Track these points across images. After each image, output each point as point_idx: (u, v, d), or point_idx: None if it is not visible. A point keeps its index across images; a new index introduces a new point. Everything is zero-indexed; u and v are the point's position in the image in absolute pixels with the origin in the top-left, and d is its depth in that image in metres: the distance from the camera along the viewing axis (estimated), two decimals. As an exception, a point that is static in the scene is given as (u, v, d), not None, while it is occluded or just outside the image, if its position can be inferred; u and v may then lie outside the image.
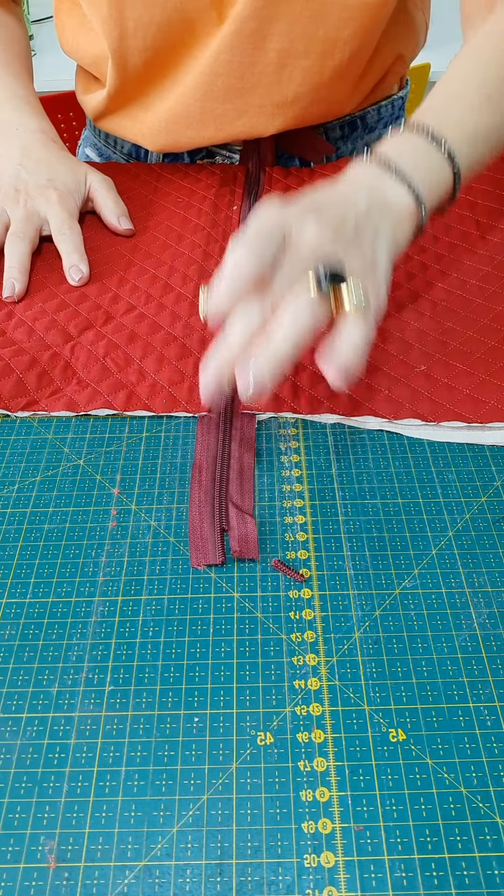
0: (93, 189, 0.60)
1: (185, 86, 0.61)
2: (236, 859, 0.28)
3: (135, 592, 0.36)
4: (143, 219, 0.62)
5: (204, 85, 0.60)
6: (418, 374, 0.46)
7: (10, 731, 0.32)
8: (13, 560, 0.38)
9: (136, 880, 0.27)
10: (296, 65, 0.59)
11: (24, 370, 0.46)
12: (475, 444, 0.43)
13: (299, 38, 0.56)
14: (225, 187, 0.65)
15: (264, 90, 0.60)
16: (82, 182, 0.59)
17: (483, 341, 0.48)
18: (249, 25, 0.55)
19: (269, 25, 0.56)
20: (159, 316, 0.51)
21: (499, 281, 0.53)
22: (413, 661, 0.33)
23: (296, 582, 0.37)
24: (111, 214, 0.59)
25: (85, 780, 0.30)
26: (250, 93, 0.60)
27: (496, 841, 0.28)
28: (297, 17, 0.55)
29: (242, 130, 0.63)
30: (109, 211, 0.59)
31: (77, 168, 0.60)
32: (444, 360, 0.47)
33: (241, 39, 0.56)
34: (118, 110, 0.67)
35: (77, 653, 0.34)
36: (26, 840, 0.29)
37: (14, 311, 0.52)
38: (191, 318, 0.51)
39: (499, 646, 0.34)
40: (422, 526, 0.39)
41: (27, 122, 0.61)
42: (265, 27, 0.56)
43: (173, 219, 0.62)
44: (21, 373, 0.46)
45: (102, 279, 0.55)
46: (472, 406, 0.44)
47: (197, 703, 0.32)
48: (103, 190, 0.60)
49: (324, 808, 0.29)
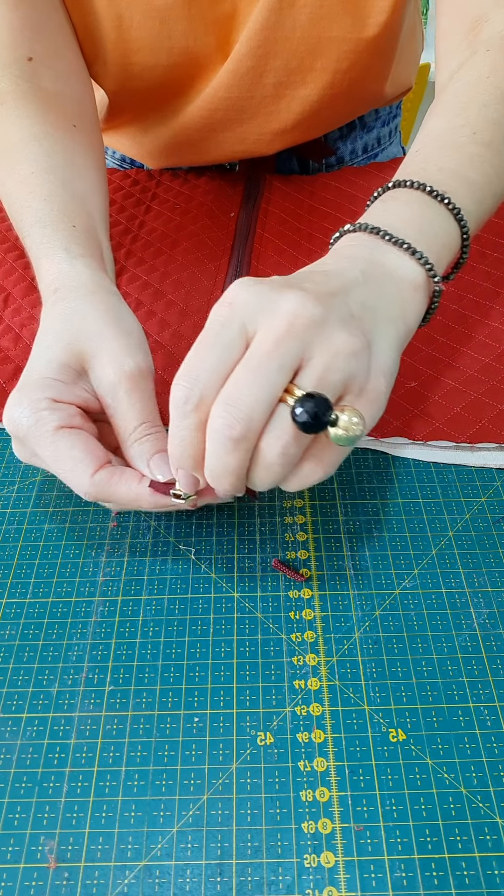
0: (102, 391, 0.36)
1: (185, 117, 0.60)
2: (236, 859, 0.28)
3: (135, 592, 0.36)
4: (139, 224, 0.62)
5: (204, 118, 0.59)
6: (409, 391, 0.45)
7: (10, 731, 0.32)
8: (13, 560, 0.38)
9: (136, 880, 0.27)
10: (294, 95, 0.58)
11: (7, 379, 0.46)
12: (462, 464, 0.42)
13: (296, 70, 0.56)
14: (223, 193, 0.65)
15: (263, 119, 0.60)
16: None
17: (477, 358, 0.47)
18: (247, 63, 0.55)
19: (267, 62, 0.55)
20: (148, 324, 0.51)
21: (496, 297, 0.53)
22: (413, 661, 0.33)
23: (296, 582, 0.37)
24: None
25: (85, 780, 0.30)
26: (249, 122, 0.60)
27: (496, 841, 0.28)
28: (294, 53, 0.55)
29: (243, 152, 0.63)
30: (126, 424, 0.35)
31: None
32: (435, 377, 0.46)
33: (240, 76, 0.56)
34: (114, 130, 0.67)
35: (77, 653, 0.34)
36: (26, 840, 0.29)
37: (2, 316, 0.51)
38: (180, 325, 0.51)
39: (499, 646, 0.34)
40: (422, 526, 0.39)
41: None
42: (262, 64, 0.55)
43: (169, 224, 0.61)
44: (4, 382, 0.46)
45: None
46: (462, 425, 0.43)
47: (197, 703, 0.32)
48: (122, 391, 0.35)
49: (324, 808, 0.29)
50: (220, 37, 0.54)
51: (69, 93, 0.48)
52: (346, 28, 0.53)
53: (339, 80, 0.57)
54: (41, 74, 0.47)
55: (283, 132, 0.61)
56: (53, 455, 0.33)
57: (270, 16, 0.51)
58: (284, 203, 0.63)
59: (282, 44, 0.54)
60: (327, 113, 0.61)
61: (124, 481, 0.33)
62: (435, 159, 0.39)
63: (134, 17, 0.51)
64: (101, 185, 0.47)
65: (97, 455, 0.33)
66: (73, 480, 0.33)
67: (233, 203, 0.64)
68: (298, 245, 0.58)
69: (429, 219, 0.36)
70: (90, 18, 0.51)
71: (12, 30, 0.46)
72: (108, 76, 0.56)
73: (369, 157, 0.74)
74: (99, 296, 0.36)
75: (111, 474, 0.33)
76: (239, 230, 0.60)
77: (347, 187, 0.65)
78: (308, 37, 0.53)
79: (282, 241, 0.58)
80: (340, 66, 0.56)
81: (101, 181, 0.47)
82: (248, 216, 0.62)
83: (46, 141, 0.43)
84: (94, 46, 0.53)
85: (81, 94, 0.50)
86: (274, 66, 0.55)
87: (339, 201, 0.63)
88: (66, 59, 0.49)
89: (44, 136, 0.44)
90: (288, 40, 0.54)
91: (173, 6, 0.50)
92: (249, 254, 0.57)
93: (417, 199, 0.36)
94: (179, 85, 0.57)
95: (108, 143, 0.70)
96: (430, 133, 0.42)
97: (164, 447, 0.34)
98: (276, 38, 0.53)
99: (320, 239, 0.59)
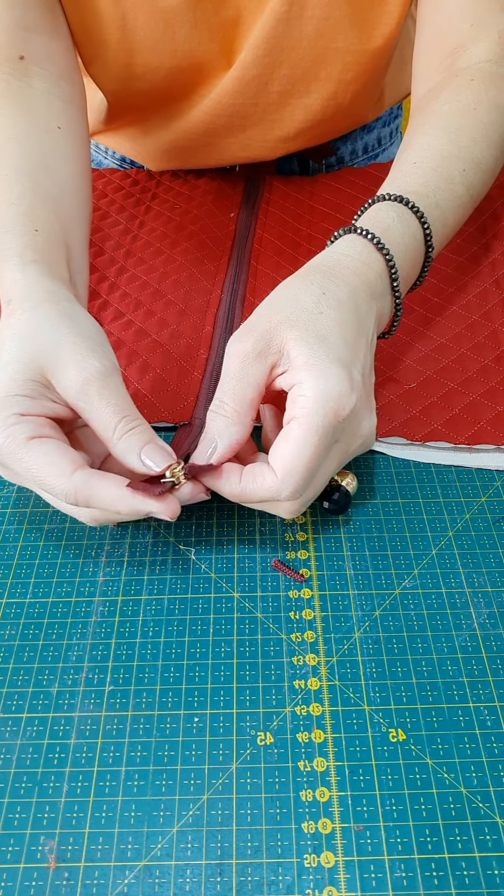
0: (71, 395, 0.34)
1: (187, 121, 0.60)
2: (236, 859, 0.28)
3: (135, 592, 0.36)
4: (139, 224, 0.62)
5: (206, 123, 0.59)
6: (408, 392, 0.45)
7: (10, 731, 0.32)
8: (13, 560, 0.38)
9: (136, 880, 0.27)
10: (297, 104, 0.58)
11: None
12: (462, 466, 0.42)
13: (301, 80, 0.56)
14: (223, 193, 0.65)
15: (266, 126, 0.60)
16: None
17: (476, 360, 0.47)
18: (252, 71, 0.55)
19: (272, 70, 0.55)
20: (147, 323, 0.51)
21: (497, 298, 0.52)
22: (413, 661, 0.33)
23: (296, 582, 0.37)
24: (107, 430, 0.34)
25: (85, 780, 0.30)
26: (252, 129, 0.60)
27: (496, 841, 0.28)
28: (299, 62, 0.55)
29: (245, 158, 0.63)
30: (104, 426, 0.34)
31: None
32: (434, 378, 0.46)
33: (244, 84, 0.56)
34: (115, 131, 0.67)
35: (77, 653, 0.34)
36: (26, 840, 0.29)
37: None
38: (179, 325, 0.51)
39: (499, 646, 0.34)
40: (422, 526, 0.39)
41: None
42: (268, 72, 0.55)
43: (168, 224, 0.61)
44: None
45: (94, 284, 0.55)
46: (461, 427, 0.43)
47: (197, 703, 0.32)
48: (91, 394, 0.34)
49: (324, 808, 0.29)
50: (223, 42, 0.54)
51: (58, 94, 0.48)
52: (352, 40, 0.54)
53: (342, 91, 0.57)
54: (32, 74, 0.47)
55: (286, 140, 0.61)
56: (28, 465, 0.32)
57: (278, 25, 0.52)
58: (284, 203, 0.63)
59: (287, 53, 0.54)
60: (330, 123, 0.61)
61: (105, 482, 0.32)
62: (433, 191, 0.43)
63: (139, 17, 0.51)
64: (80, 188, 0.46)
65: (73, 458, 0.33)
66: (52, 483, 0.32)
67: (233, 203, 0.64)
68: (298, 245, 0.58)
69: (409, 231, 0.41)
70: (91, 18, 0.51)
71: (5, 28, 0.46)
72: (108, 76, 0.56)
73: (370, 158, 0.74)
74: (51, 304, 0.36)
75: (90, 475, 0.32)
76: (239, 230, 0.60)
77: (347, 188, 0.65)
78: (314, 47, 0.54)
79: (281, 242, 0.58)
80: (345, 77, 0.56)
81: (80, 184, 0.47)
82: (248, 216, 0.62)
83: (27, 142, 0.43)
84: (95, 47, 0.53)
85: (71, 95, 0.50)
86: (279, 75, 0.56)
87: (339, 202, 0.63)
88: (58, 60, 0.49)
89: (25, 138, 0.44)
90: (294, 50, 0.54)
91: (178, 9, 0.51)
92: (249, 254, 0.57)
93: (412, 231, 0.41)
94: (182, 88, 0.58)
95: (109, 143, 0.70)
96: (427, 149, 0.45)
97: (151, 437, 0.33)
98: (283, 47, 0.54)
99: (320, 239, 0.59)
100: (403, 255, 0.40)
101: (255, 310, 0.36)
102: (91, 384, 0.33)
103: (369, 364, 0.37)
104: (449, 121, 0.46)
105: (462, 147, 0.45)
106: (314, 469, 0.33)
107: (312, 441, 0.32)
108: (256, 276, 0.55)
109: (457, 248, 0.57)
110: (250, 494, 0.33)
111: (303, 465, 0.32)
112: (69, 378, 0.33)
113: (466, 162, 0.45)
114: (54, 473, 0.32)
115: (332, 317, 0.34)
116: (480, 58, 0.49)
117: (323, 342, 0.33)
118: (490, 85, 0.48)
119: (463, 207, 0.46)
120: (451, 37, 0.50)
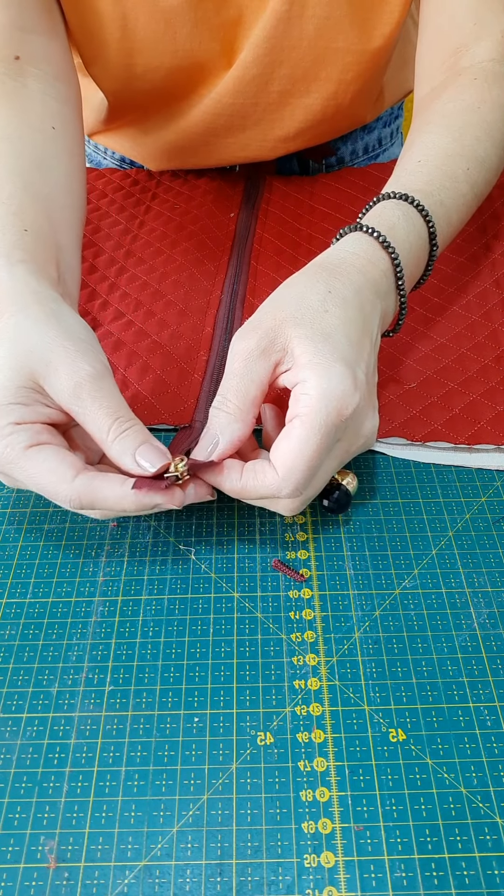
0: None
1: (187, 121, 0.60)
2: (236, 859, 0.28)
3: (135, 592, 0.36)
4: (139, 224, 0.62)
5: (206, 122, 0.59)
6: (408, 392, 0.45)
7: (10, 731, 0.32)
8: (13, 560, 0.38)
9: (136, 880, 0.27)
10: (297, 103, 0.58)
11: None
12: (462, 466, 0.42)
13: (301, 79, 0.56)
14: (223, 193, 0.65)
15: (266, 126, 0.60)
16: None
17: (476, 360, 0.47)
18: (252, 71, 0.55)
19: (273, 70, 0.55)
20: (147, 324, 0.51)
21: (497, 298, 0.52)
22: (413, 661, 0.33)
23: (296, 582, 0.37)
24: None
25: (85, 780, 0.30)
26: (252, 129, 0.60)
27: (496, 841, 0.28)
28: (300, 62, 0.55)
29: (245, 158, 0.63)
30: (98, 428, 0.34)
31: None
32: (434, 378, 0.46)
33: (245, 83, 0.56)
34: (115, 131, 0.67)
35: (77, 653, 0.34)
36: (26, 840, 0.29)
37: None
38: (179, 325, 0.51)
39: (499, 646, 0.34)
40: (422, 526, 0.39)
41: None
42: (268, 72, 0.55)
43: (168, 224, 0.61)
44: None
45: (94, 285, 0.55)
46: (461, 427, 0.43)
47: (197, 703, 0.32)
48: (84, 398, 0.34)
49: (324, 808, 0.29)
50: (224, 42, 0.54)
51: (54, 94, 0.48)
52: (353, 40, 0.54)
53: (342, 91, 0.57)
54: (27, 74, 0.47)
55: (286, 139, 0.61)
56: (29, 473, 0.32)
57: (278, 25, 0.52)
58: (284, 203, 0.63)
59: (288, 53, 0.54)
60: (330, 123, 0.61)
61: (108, 482, 0.32)
62: (438, 189, 0.43)
63: (139, 17, 0.51)
64: (73, 188, 0.46)
65: (73, 462, 0.33)
66: (55, 490, 0.32)
67: (233, 203, 0.64)
68: (298, 245, 0.58)
69: (415, 228, 0.41)
70: (92, 18, 0.51)
71: (1, 29, 0.46)
72: (108, 76, 0.56)
73: (370, 158, 0.74)
74: (38, 305, 0.35)
75: (92, 477, 0.32)
76: (239, 230, 0.60)
77: (348, 188, 0.65)
78: (314, 47, 0.54)
79: (281, 242, 0.58)
80: (345, 77, 0.56)
81: (74, 184, 0.47)
82: (248, 216, 0.62)
83: (20, 142, 0.43)
84: (95, 47, 0.53)
85: (67, 96, 0.49)
86: (279, 75, 0.56)
87: (339, 202, 0.63)
88: (54, 61, 0.49)
89: (18, 137, 0.43)
90: (294, 49, 0.54)
91: (179, 9, 0.51)
92: (249, 254, 0.57)
93: (417, 230, 0.41)
94: (182, 88, 0.58)
95: (109, 143, 0.70)
96: (431, 148, 0.45)
97: (145, 438, 0.33)
98: (283, 46, 0.53)
99: (320, 239, 0.59)
100: (408, 253, 0.40)
101: (260, 307, 0.36)
102: (83, 387, 0.33)
103: (373, 363, 0.37)
104: (453, 119, 0.47)
105: (466, 145, 0.45)
106: (315, 467, 0.33)
107: (314, 439, 0.32)
108: (256, 277, 0.55)
109: (457, 248, 0.57)
110: (251, 491, 0.33)
111: (304, 463, 0.32)
112: (61, 382, 0.33)
113: (470, 160, 0.45)
114: (55, 480, 0.32)
115: (338, 315, 0.34)
116: (483, 57, 0.49)
117: (327, 341, 0.33)
118: (493, 84, 0.48)
119: (467, 206, 0.46)
120: (453, 36, 0.50)
